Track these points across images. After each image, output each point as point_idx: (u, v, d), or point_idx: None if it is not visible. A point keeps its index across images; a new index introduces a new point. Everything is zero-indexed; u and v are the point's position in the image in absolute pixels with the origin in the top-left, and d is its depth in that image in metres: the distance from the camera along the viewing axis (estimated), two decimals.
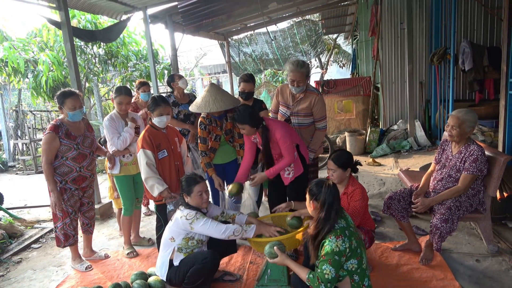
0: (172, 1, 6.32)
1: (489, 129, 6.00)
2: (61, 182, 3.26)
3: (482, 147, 2.98)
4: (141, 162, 3.11)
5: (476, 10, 6.75)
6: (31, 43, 8.71)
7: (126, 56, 9.53)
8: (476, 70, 5.96)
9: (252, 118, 3.06)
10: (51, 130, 3.15)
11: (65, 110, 3.20)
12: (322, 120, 3.52)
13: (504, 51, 3.88)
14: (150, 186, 3.09)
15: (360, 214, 2.84)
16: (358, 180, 4.78)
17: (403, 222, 3.24)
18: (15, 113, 10.36)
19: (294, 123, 3.56)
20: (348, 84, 8.50)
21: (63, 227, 3.34)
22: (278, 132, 3.09)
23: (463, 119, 2.95)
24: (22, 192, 6.68)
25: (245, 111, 3.06)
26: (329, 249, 2.11)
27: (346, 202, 2.91)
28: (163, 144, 3.21)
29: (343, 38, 15.53)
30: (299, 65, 3.29)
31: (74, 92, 3.26)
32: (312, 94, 3.46)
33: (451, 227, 2.84)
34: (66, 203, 3.31)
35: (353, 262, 2.16)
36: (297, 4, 8.54)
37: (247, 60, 10.92)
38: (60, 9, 4.59)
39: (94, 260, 3.65)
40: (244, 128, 3.10)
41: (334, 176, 2.89)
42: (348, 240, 2.14)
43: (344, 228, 2.19)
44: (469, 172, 2.91)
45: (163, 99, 3.25)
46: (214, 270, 2.78)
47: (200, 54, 20.31)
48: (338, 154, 2.94)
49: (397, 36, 7.28)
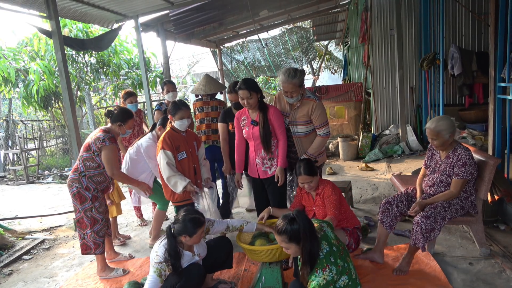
0: (164, 10, 6.35)
1: (479, 133, 6.07)
2: (94, 190, 3.32)
3: (469, 150, 3.00)
4: (161, 162, 3.22)
5: (464, 16, 6.87)
6: (21, 53, 8.68)
7: (118, 64, 9.53)
8: (465, 75, 6.05)
9: (257, 87, 3.22)
10: (113, 142, 3.27)
11: (124, 127, 3.39)
12: (323, 127, 3.31)
13: (492, 56, 3.95)
14: (173, 184, 3.21)
15: (337, 207, 2.95)
16: (352, 185, 4.81)
17: (386, 231, 3.13)
18: (5, 123, 10.26)
19: (293, 132, 3.37)
20: (340, 90, 8.56)
21: (91, 235, 3.34)
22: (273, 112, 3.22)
23: (438, 130, 2.95)
24: (13, 203, 6.59)
25: (251, 80, 3.23)
26: (316, 285, 2.11)
27: (321, 201, 3.02)
28: (182, 146, 3.33)
29: (334, 45, 15.69)
30: (290, 76, 3.13)
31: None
32: (309, 100, 3.28)
33: (433, 225, 2.83)
34: (97, 210, 3.34)
35: (344, 278, 2.19)
36: (288, 11, 8.63)
37: (240, 67, 10.97)
38: (51, 18, 4.58)
39: (119, 261, 3.71)
40: (252, 97, 3.17)
41: (312, 185, 3.01)
42: (335, 265, 2.16)
43: (328, 252, 2.19)
44: (459, 177, 2.93)
45: (184, 103, 3.38)
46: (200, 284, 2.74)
47: (193, 62, 20.36)
48: (303, 165, 3.01)
49: (387, 42, 7.37)
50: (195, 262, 2.71)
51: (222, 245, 2.95)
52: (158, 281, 2.48)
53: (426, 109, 6.92)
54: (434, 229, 2.85)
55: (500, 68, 3.88)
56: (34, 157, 9.87)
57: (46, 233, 4.79)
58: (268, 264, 2.78)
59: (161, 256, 2.51)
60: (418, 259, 3.14)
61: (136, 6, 5.93)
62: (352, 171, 6.19)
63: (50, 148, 10.47)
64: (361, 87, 8.14)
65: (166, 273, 2.53)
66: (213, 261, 2.87)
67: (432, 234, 2.85)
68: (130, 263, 3.68)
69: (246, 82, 3.19)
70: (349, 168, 6.32)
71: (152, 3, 5.88)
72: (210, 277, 3.02)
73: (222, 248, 2.93)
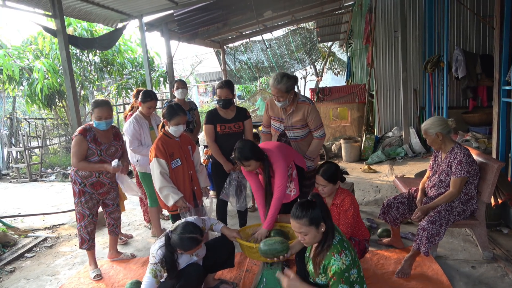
0: (168, 10, 6.37)
1: (482, 136, 6.05)
2: (80, 184, 3.32)
3: (466, 149, 3.03)
4: (154, 172, 3.04)
5: (468, 18, 6.85)
6: (26, 51, 8.70)
7: (121, 63, 9.55)
8: (469, 78, 6.03)
9: (254, 152, 2.86)
10: (80, 132, 3.24)
11: (93, 118, 3.29)
12: (318, 129, 3.40)
13: (497, 59, 3.93)
14: (164, 195, 3.03)
15: (352, 224, 2.82)
16: (354, 187, 4.80)
17: (395, 228, 3.42)
18: (9, 121, 10.29)
19: (290, 137, 3.45)
20: (343, 91, 8.56)
21: (80, 228, 3.40)
22: (278, 167, 2.91)
23: (425, 129, 3.12)
24: (16, 201, 6.61)
25: (245, 146, 2.87)
26: (337, 269, 2.05)
27: (336, 213, 2.86)
28: (177, 153, 3.15)
29: (338, 46, 15.67)
30: (276, 81, 3.20)
31: (105, 103, 3.31)
32: (303, 104, 3.35)
33: (439, 230, 2.85)
34: (83, 206, 3.36)
35: (354, 272, 2.12)
36: (292, 12, 8.63)
37: (243, 68, 10.98)
38: (56, 17, 4.60)
39: (121, 261, 3.71)
40: (250, 165, 2.87)
41: (324, 191, 2.85)
42: (349, 251, 2.11)
43: (341, 240, 2.16)
44: (457, 175, 2.95)
45: (181, 108, 3.18)
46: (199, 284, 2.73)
47: (196, 62, 20.38)
48: (326, 168, 2.86)
49: (391, 44, 7.36)
50: (194, 262, 2.71)
51: (223, 244, 2.91)
52: (153, 282, 2.48)
53: (429, 111, 6.90)
54: (439, 234, 2.86)
55: (505, 71, 3.87)
56: (37, 155, 9.90)
57: (48, 231, 4.81)
58: (269, 265, 2.77)
59: (157, 258, 2.51)
60: (420, 262, 3.13)
61: (141, 6, 5.94)
62: (355, 172, 6.18)
63: (53, 147, 10.50)
64: (365, 88, 8.13)
65: (161, 274, 2.53)
66: (214, 260, 2.85)
67: (436, 239, 2.86)
68: (132, 262, 3.69)
69: (240, 153, 2.86)
70: (352, 170, 6.31)
71: (156, 2, 5.89)
72: (211, 277, 3.01)
73: (222, 247, 2.91)
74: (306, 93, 14.82)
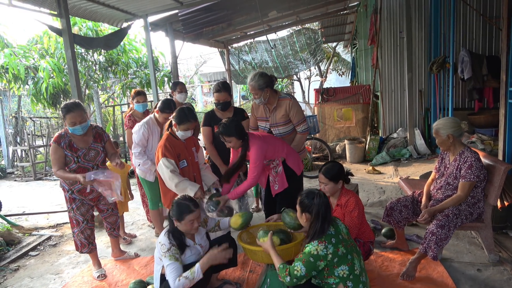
0: (173, 9, 6.37)
1: (488, 138, 6.00)
2: (68, 191, 3.26)
3: (476, 153, 2.99)
4: (164, 171, 3.01)
5: (474, 19, 6.80)
6: (31, 50, 8.75)
7: (126, 63, 9.58)
8: (475, 79, 5.98)
9: (237, 130, 3.01)
10: (54, 141, 3.13)
11: (66, 124, 3.13)
12: (301, 123, 3.46)
13: (503, 60, 3.90)
14: (182, 190, 2.99)
15: (357, 225, 2.82)
16: (359, 188, 4.78)
17: (399, 230, 3.40)
18: (14, 120, 10.36)
19: (276, 134, 3.52)
20: (347, 92, 8.53)
21: (78, 234, 3.37)
22: (253, 151, 3.05)
23: (436, 128, 3.07)
24: (21, 199, 6.65)
25: (231, 123, 3.02)
26: (307, 250, 2.18)
27: (341, 213, 2.87)
28: (183, 154, 3.17)
29: (343, 47, 15.63)
30: (250, 78, 3.37)
31: (76, 106, 3.08)
32: (284, 100, 3.45)
33: (447, 234, 2.82)
34: (75, 212, 3.32)
35: (344, 268, 2.18)
36: (296, 12, 8.62)
37: (247, 68, 10.96)
38: (61, 17, 4.62)
39: (124, 261, 3.71)
40: (231, 141, 3.03)
41: (326, 189, 2.87)
42: (333, 246, 2.15)
43: (330, 235, 2.20)
44: (466, 179, 2.91)
45: (194, 114, 3.16)
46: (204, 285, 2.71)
47: (200, 62, 20.41)
48: (328, 166, 2.90)
49: (397, 45, 7.33)
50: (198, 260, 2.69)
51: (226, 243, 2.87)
52: (177, 265, 2.47)
53: (435, 112, 6.86)
54: (448, 237, 2.83)
55: (511, 72, 3.84)
56: (42, 154, 9.95)
57: (52, 230, 4.82)
58: (273, 266, 2.76)
59: (166, 244, 2.53)
60: (425, 264, 3.11)
61: (146, 6, 5.95)
62: (359, 174, 6.15)
63: None
64: (369, 89, 8.10)
65: (179, 256, 2.53)
66: None
67: (444, 243, 2.84)
68: (135, 262, 3.69)
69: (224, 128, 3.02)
70: (356, 171, 6.29)
71: (161, 2, 5.90)
72: (215, 277, 3.01)
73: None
74: (311, 93, 14.80)
